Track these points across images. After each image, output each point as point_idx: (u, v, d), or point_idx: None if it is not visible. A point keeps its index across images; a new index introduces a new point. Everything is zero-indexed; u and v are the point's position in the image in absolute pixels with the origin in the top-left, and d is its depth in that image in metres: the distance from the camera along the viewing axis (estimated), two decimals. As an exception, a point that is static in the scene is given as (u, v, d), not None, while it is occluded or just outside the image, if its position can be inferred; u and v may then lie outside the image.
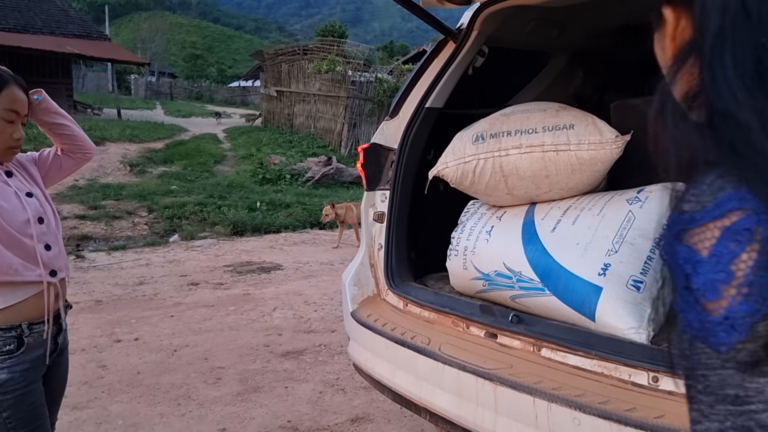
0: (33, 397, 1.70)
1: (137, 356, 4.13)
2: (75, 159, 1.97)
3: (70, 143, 1.94)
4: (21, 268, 1.65)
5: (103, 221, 8.46)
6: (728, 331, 0.48)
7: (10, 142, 1.69)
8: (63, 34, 20.58)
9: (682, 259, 0.51)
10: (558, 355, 1.79)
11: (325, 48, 19.04)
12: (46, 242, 1.74)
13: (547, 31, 2.87)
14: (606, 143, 1.95)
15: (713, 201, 0.49)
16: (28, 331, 1.68)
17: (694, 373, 0.52)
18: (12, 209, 1.66)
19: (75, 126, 1.96)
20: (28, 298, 1.68)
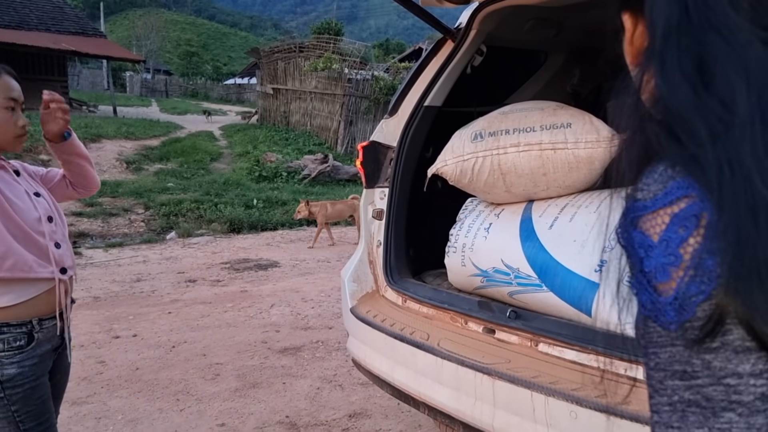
0: (41, 391, 1.73)
1: (136, 352, 4.15)
2: (77, 191, 2.01)
3: (78, 180, 1.98)
4: (35, 265, 1.69)
5: (99, 218, 8.46)
6: (677, 310, 0.52)
7: (17, 130, 1.72)
8: (58, 31, 20.51)
9: (637, 244, 0.55)
10: (555, 350, 1.82)
11: (321, 45, 19.04)
12: (56, 240, 1.77)
13: (545, 30, 2.89)
14: (603, 141, 1.98)
15: (663, 189, 0.53)
16: (39, 326, 1.72)
17: (647, 351, 0.57)
18: (25, 207, 1.70)
19: (90, 166, 1.99)
20: (40, 295, 1.72)
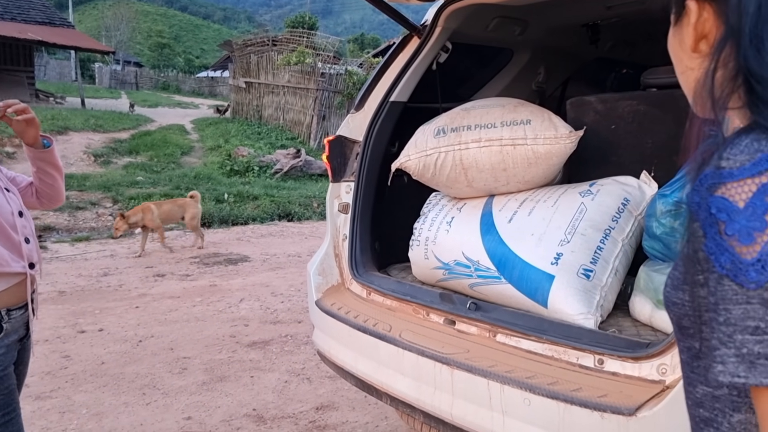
0: (8, 380, 1.74)
1: (101, 347, 4.12)
2: (41, 202, 2.01)
3: (47, 191, 1.98)
4: (10, 260, 1.71)
5: (66, 212, 8.32)
6: (759, 271, 0.57)
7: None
8: (25, 20, 20.04)
9: (715, 209, 0.59)
10: (512, 340, 1.87)
11: (294, 39, 18.92)
12: (26, 236, 1.79)
13: (509, 28, 2.94)
14: (560, 138, 2.03)
15: (751, 160, 0.58)
16: (7, 317, 1.73)
17: (718, 307, 0.61)
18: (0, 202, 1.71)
19: (61, 180, 2.00)
20: (10, 287, 1.73)
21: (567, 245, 1.94)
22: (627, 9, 2.76)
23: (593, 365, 1.66)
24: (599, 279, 1.90)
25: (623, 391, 1.55)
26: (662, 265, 1.85)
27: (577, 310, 1.83)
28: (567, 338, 1.74)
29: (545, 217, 2.04)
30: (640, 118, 2.25)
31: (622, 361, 1.61)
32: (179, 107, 27.36)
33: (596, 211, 2.00)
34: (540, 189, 2.20)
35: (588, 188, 2.08)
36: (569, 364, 1.71)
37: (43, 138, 1.88)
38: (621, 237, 1.98)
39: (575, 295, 1.85)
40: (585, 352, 1.69)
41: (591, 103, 2.41)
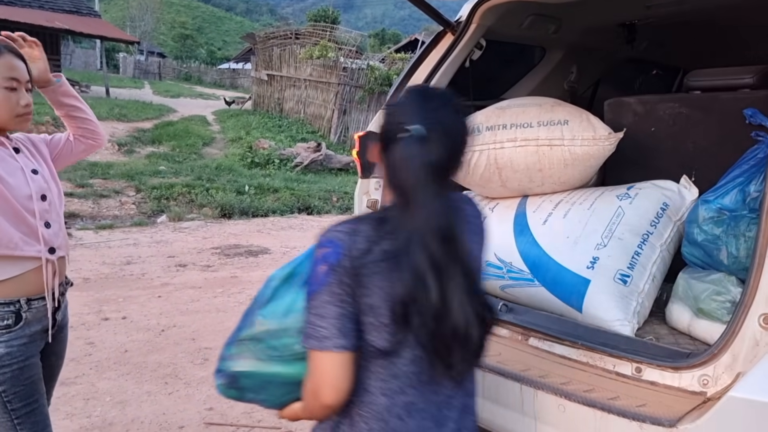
0: (30, 371, 1.72)
1: (125, 335, 4.15)
2: (86, 145, 1.99)
3: (83, 127, 1.97)
4: (21, 242, 1.67)
5: (90, 199, 8.40)
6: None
7: (19, 109, 1.70)
8: (52, 8, 20.27)
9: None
10: (545, 344, 1.84)
11: (317, 33, 18.93)
12: (47, 220, 1.75)
13: (543, 26, 2.90)
14: (599, 140, 1.99)
15: None
16: (27, 306, 1.70)
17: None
18: (15, 184, 1.68)
19: (89, 110, 1.99)
20: (26, 273, 1.70)
21: (603, 249, 1.90)
22: (665, 10, 2.70)
23: (631, 373, 1.62)
24: (636, 285, 1.86)
25: (663, 401, 1.51)
26: (702, 272, 1.81)
27: (613, 316, 1.80)
28: (603, 344, 1.71)
29: (581, 220, 2.00)
30: (682, 121, 2.20)
31: (661, 371, 1.57)
32: (201, 98, 27.53)
33: (634, 215, 1.95)
34: (575, 191, 2.16)
35: (626, 191, 2.04)
36: (605, 372, 1.67)
37: (54, 77, 1.89)
38: (659, 242, 1.94)
39: (612, 300, 1.82)
40: (622, 360, 1.65)
41: (630, 104, 2.36)
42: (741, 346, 1.44)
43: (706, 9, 2.59)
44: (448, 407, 1.23)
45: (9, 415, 1.68)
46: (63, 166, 1.96)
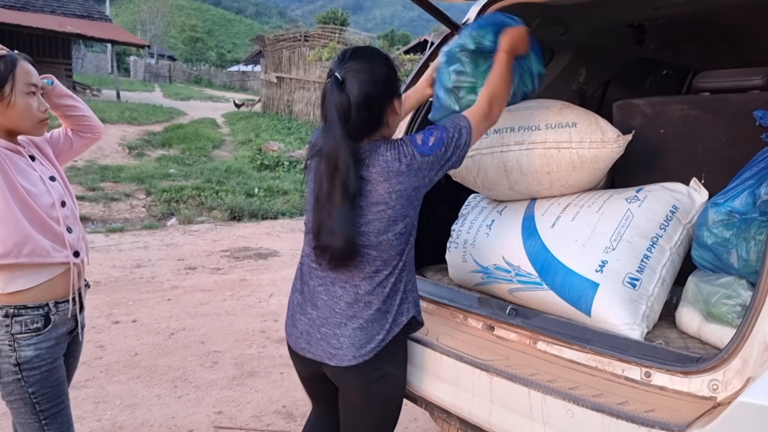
0: (57, 373, 1.77)
1: (135, 338, 4.17)
2: (85, 138, 2.03)
3: (80, 123, 2.00)
4: (52, 250, 1.73)
5: (101, 203, 8.47)
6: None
7: (39, 114, 1.76)
8: (64, 13, 20.43)
9: None
10: (553, 349, 1.83)
11: (326, 35, 18.99)
12: (69, 225, 1.80)
13: (552, 27, 2.88)
14: (608, 142, 1.98)
15: None
16: (55, 309, 1.75)
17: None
18: (39, 193, 1.72)
19: (84, 106, 2.03)
20: (55, 278, 1.75)
21: (612, 252, 1.88)
22: (674, 10, 2.68)
23: (640, 378, 1.61)
24: (645, 288, 1.84)
25: (672, 406, 1.49)
26: (712, 276, 1.79)
27: (622, 320, 1.78)
28: (612, 349, 1.69)
29: (590, 223, 1.98)
30: (691, 123, 2.18)
31: (670, 375, 1.56)
32: (211, 101, 27.68)
33: (643, 218, 1.94)
34: (584, 193, 2.14)
35: (635, 194, 2.02)
36: (614, 376, 1.66)
37: (44, 78, 1.90)
38: (669, 245, 1.92)
39: (621, 304, 1.80)
40: (631, 364, 1.63)
41: (639, 106, 2.34)
42: (751, 351, 1.42)
43: (714, 9, 2.57)
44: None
45: (37, 416, 1.74)
46: (65, 162, 2.00)
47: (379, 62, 1.67)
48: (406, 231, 1.71)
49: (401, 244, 1.70)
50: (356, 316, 1.69)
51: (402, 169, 1.63)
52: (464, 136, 1.73)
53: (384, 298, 1.70)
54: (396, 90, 1.72)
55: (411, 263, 1.80)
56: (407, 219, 1.69)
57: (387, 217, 1.64)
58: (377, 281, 1.69)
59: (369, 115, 1.63)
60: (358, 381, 1.75)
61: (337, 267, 1.67)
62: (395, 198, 1.64)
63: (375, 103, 1.63)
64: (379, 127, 1.68)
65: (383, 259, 1.68)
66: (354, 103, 1.60)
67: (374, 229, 1.64)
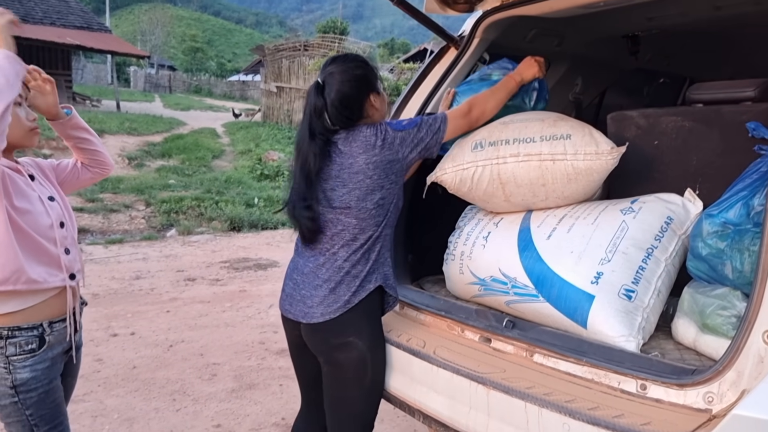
0: (55, 393, 1.75)
1: (133, 351, 4.16)
2: (92, 173, 2.02)
3: (91, 158, 1.99)
4: (46, 275, 1.70)
5: (100, 214, 8.48)
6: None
7: (28, 124, 1.75)
8: (63, 25, 20.52)
9: None
10: (550, 361, 1.83)
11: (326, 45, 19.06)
12: (66, 246, 1.78)
13: (547, 39, 2.90)
14: (602, 154, 1.98)
15: None
16: (49, 329, 1.73)
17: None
18: (37, 213, 1.70)
19: (98, 141, 2.02)
20: (48, 299, 1.73)
21: (608, 264, 1.89)
22: (668, 21, 2.70)
23: (636, 390, 1.61)
24: (641, 300, 1.85)
25: (668, 419, 1.49)
26: (707, 287, 1.79)
27: (618, 332, 1.78)
28: (608, 361, 1.69)
29: (585, 235, 1.99)
30: (685, 134, 2.18)
31: (666, 388, 1.56)
32: (211, 110, 27.75)
33: (638, 230, 1.94)
34: (579, 205, 2.14)
35: (630, 205, 2.03)
36: (610, 389, 1.66)
37: (63, 108, 1.91)
38: (664, 256, 1.93)
39: (616, 316, 1.80)
40: (627, 377, 1.63)
41: (633, 117, 2.35)
42: (746, 363, 1.42)
43: (708, 19, 2.58)
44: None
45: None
46: (68, 191, 1.98)
47: (355, 65, 1.97)
48: (385, 204, 1.96)
49: (380, 215, 1.95)
50: (330, 279, 1.93)
51: (378, 143, 1.91)
52: (438, 122, 2.04)
53: (355, 263, 1.93)
54: (372, 87, 1.99)
55: (387, 242, 2.02)
56: (384, 191, 1.94)
57: (366, 186, 1.90)
58: (353, 248, 1.93)
59: (346, 110, 1.94)
60: (324, 343, 1.98)
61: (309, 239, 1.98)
62: (372, 168, 1.90)
63: (350, 99, 1.94)
64: (360, 119, 1.97)
65: (361, 227, 1.93)
66: (330, 102, 1.92)
67: (354, 197, 1.90)
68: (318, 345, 2.01)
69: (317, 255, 1.99)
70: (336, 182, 1.93)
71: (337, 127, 1.96)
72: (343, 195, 1.92)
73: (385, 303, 2.08)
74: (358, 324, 1.95)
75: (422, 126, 2.00)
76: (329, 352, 1.98)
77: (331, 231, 1.95)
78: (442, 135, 2.04)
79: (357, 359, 1.95)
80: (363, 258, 1.95)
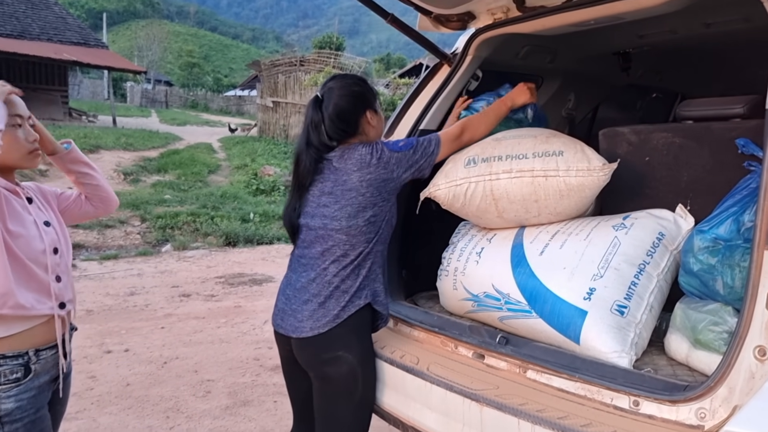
0: (42, 423, 1.69)
1: (127, 368, 4.14)
2: (95, 207, 1.98)
3: (93, 193, 1.96)
4: (35, 302, 1.65)
5: (95, 230, 8.45)
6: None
7: (28, 145, 1.71)
8: (60, 41, 20.62)
9: None
10: (543, 377, 1.83)
11: (321, 60, 19.18)
12: (58, 273, 1.74)
13: (540, 56, 2.93)
14: (593, 170, 2.00)
15: None
16: (35, 357, 1.67)
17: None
18: (30, 238, 1.66)
19: (99, 176, 1.98)
20: (35, 327, 1.67)
21: (600, 280, 1.89)
22: (659, 38, 2.73)
23: (628, 407, 1.61)
24: (633, 316, 1.85)
25: (660, 436, 1.49)
26: (699, 302, 1.80)
27: (610, 348, 1.78)
28: (601, 377, 1.69)
29: (578, 251, 1.99)
30: (675, 150, 2.20)
31: (658, 404, 1.56)
32: (207, 125, 27.81)
33: (630, 245, 1.95)
34: (572, 221, 2.16)
35: (622, 221, 2.04)
36: (603, 405, 1.66)
37: (63, 143, 1.89)
38: (656, 272, 1.93)
39: (609, 332, 1.81)
40: (620, 393, 1.64)
41: (624, 134, 2.37)
42: (737, 379, 1.43)
43: (698, 36, 2.61)
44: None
45: None
46: (70, 222, 1.94)
47: (353, 82, 2.06)
48: (377, 221, 1.98)
49: (371, 232, 1.97)
50: (319, 294, 1.96)
51: (373, 161, 1.94)
52: (433, 145, 2.07)
53: (344, 278, 1.96)
54: (368, 104, 2.04)
55: (379, 258, 2.05)
56: (376, 208, 1.97)
57: (358, 203, 1.94)
58: (343, 264, 1.96)
59: (342, 123, 1.99)
60: (313, 357, 1.99)
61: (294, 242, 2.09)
62: (365, 186, 1.94)
63: (347, 113, 1.99)
64: (355, 135, 2.03)
65: (351, 243, 1.95)
66: (327, 115, 1.98)
67: (346, 213, 1.94)
68: (308, 360, 2.02)
69: (309, 270, 2.01)
70: (329, 198, 1.97)
71: (334, 142, 2.01)
72: (335, 211, 1.95)
73: (377, 319, 2.09)
74: (347, 338, 1.96)
75: (418, 148, 2.05)
76: (319, 366, 2.00)
77: (323, 246, 1.98)
78: (434, 157, 2.09)
79: (347, 373, 1.96)
80: (353, 273, 1.97)
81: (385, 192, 1.99)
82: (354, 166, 1.95)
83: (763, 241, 1.43)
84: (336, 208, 1.95)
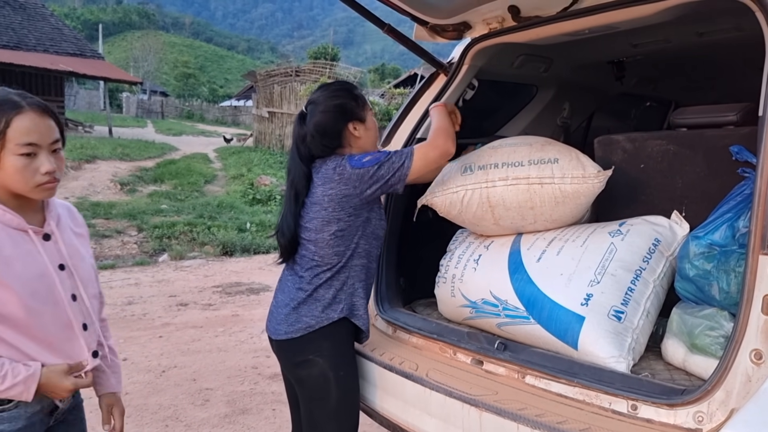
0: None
1: (125, 376, 4.12)
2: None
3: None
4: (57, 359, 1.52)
5: (92, 240, 8.42)
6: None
7: (38, 178, 1.46)
8: (56, 52, 20.64)
9: None
10: (541, 383, 1.84)
11: (317, 70, 19.25)
12: (83, 322, 1.59)
13: (534, 65, 2.96)
14: (588, 177, 2.02)
15: None
16: None
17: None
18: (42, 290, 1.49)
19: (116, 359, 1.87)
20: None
21: (597, 286, 1.91)
22: (652, 48, 2.77)
23: (626, 411, 1.63)
24: (630, 321, 1.87)
25: (658, 439, 1.51)
26: (695, 307, 1.82)
27: (608, 353, 1.80)
28: (599, 382, 1.71)
29: (574, 257, 2.02)
30: (670, 157, 2.23)
31: (656, 408, 1.57)
32: (203, 136, 27.83)
33: (627, 251, 1.97)
34: (568, 228, 2.18)
35: (618, 228, 2.06)
36: (601, 410, 1.67)
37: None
38: (652, 278, 1.96)
39: (606, 337, 1.83)
40: (618, 397, 1.65)
41: (619, 141, 2.40)
42: (734, 382, 1.45)
43: (691, 45, 2.65)
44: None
45: None
46: None
47: (335, 94, 2.07)
48: (346, 236, 1.99)
49: (339, 246, 1.99)
50: (294, 299, 2.02)
51: (334, 177, 1.95)
52: (403, 158, 1.95)
53: (317, 286, 2.00)
54: (352, 116, 2.05)
55: (359, 273, 2.05)
56: (341, 223, 1.97)
57: (321, 217, 1.97)
58: (316, 273, 2.00)
59: (324, 138, 2.01)
60: (287, 360, 2.07)
61: (286, 258, 2.10)
62: (327, 201, 1.96)
63: (327, 128, 2.01)
64: (340, 148, 2.05)
65: (320, 255, 1.99)
66: (309, 132, 2.02)
67: (313, 226, 1.99)
68: (284, 362, 2.12)
69: (293, 276, 2.08)
70: (305, 209, 2.03)
71: (320, 156, 2.05)
72: (306, 222, 2.01)
73: (359, 332, 2.12)
74: (319, 343, 2.00)
75: (384, 164, 1.93)
76: (292, 369, 2.08)
77: (300, 254, 2.05)
78: (405, 171, 1.94)
79: (317, 376, 2.00)
80: (326, 284, 2.00)
81: (349, 207, 1.97)
82: (319, 180, 1.99)
83: (758, 247, 1.45)
84: (307, 219, 2.01)
